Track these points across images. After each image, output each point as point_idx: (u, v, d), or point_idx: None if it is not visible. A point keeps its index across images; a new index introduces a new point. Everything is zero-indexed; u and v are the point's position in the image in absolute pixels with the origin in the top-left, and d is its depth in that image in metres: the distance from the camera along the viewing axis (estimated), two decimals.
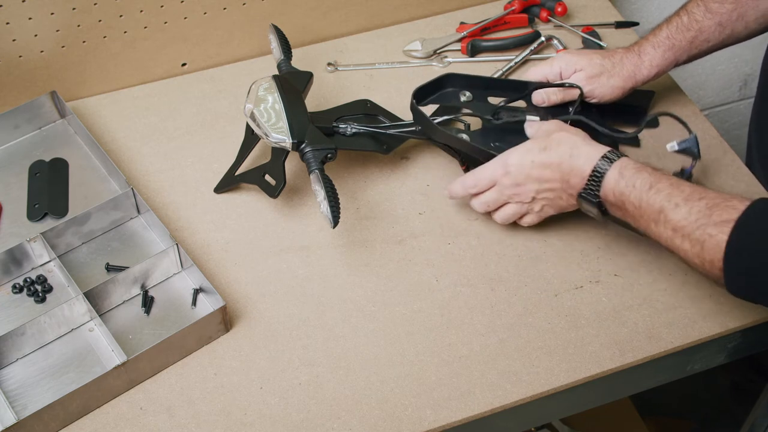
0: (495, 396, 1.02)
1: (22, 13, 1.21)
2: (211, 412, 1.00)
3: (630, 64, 1.19)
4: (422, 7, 1.46)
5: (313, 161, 1.11)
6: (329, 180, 1.09)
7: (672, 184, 0.98)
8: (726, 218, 0.93)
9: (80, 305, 1.04)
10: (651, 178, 0.99)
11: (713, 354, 1.14)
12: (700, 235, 0.94)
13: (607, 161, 1.02)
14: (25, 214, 1.18)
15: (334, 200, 1.07)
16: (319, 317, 1.09)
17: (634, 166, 1.01)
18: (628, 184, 1.00)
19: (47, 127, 1.29)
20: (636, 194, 0.99)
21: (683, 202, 0.96)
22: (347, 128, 1.19)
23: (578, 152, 1.04)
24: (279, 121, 1.12)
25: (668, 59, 1.19)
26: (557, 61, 1.20)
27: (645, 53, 1.19)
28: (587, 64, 1.19)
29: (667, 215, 0.97)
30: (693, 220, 0.95)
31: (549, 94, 1.20)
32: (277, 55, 1.24)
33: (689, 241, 0.95)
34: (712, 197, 0.95)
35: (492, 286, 1.11)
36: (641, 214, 0.99)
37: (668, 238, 0.97)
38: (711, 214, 0.94)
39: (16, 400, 1.00)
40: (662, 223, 0.97)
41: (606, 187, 1.02)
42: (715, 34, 1.18)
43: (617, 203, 1.02)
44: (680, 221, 0.96)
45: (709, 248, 0.93)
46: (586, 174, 1.03)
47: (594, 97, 1.20)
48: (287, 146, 1.12)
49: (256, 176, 1.19)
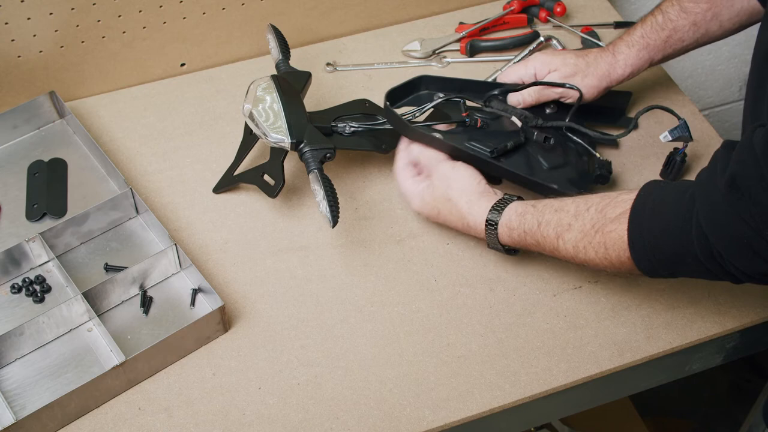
0: (494, 396, 1.02)
1: (20, 13, 1.21)
2: (210, 413, 1.00)
3: (604, 63, 1.19)
4: (421, 7, 1.46)
5: (312, 161, 1.10)
6: (328, 180, 1.09)
7: (556, 210, 1.00)
8: (620, 211, 0.94)
9: (79, 305, 1.04)
10: (535, 217, 1.02)
11: (712, 354, 1.14)
12: (600, 237, 0.95)
13: (494, 213, 1.05)
14: (23, 214, 1.18)
15: (333, 200, 1.07)
16: (318, 317, 1.09)
17: (516, 214, 1.04)
18: (519, 232, 1.03)
19: (46, 127, 1.28)
20: (530, 236, 1.02)
21: (574, 220, 0.98)
22: (345, 127, 1.19)
23: (468, 220, 1.07)
24: (277, 121, 1.12)
25: (643, 58, 1.19)
26: (532, 62, 1.21)
27: (619, 52, 1.19)
28: (561, 64, 1.19)
29: (564, 238, 0.99)
30: (589, 228, 0.96)
31: (524, 96, 1.21)
32: (276, 55, 1.24)
33: (592, 249, 0.96)
34: (597, 202, 0.97)
35: (491, 286, 1.11)
36: (543, 248, 1.02)
37: (572, 256, 0.99)
38: (605, 215, 0.95)
39: (15, 400, 1.00)
40: (563, 248, 0.99)
41: (502, 238, 1.05)
42: (690, 34, 1.18)
43: (520, 246, 1.06)
44: (577, 236, 0.97)
45: (611, 245, 0.94)
46: (482, 230, 1.06)
47: (569, 98, 1.20)
48: (286, 146, 1.12)
49: (254, 176, 1.18)
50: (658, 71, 1.37)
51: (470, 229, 1.08)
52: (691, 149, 1.26)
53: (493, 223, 1.05)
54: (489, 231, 1.06)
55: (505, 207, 1.05)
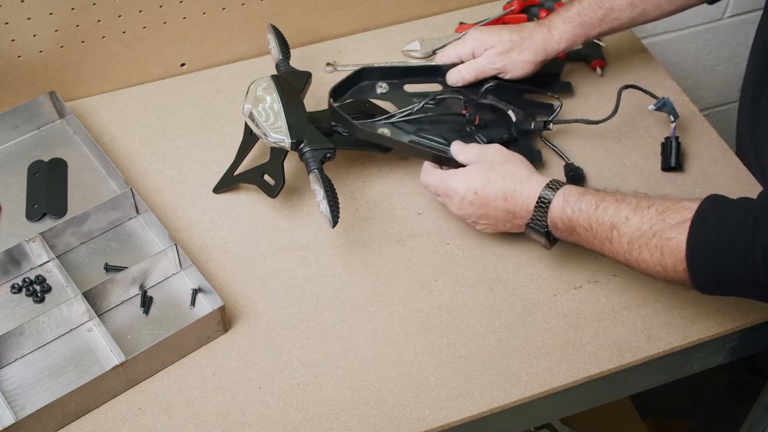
0: (494, 396, 1.02)
1: (21, 13, 1.21)
2: (210, 413, 1.00)
3: (540, 38, 1.21)
4: (421, 7, 1.46)
5: (312, 161, 1.10)
6: (328, 180, 1.09)
7: (617, 200, 0.99)
8: (680, 219, 0.92)
9: (79, 305, 1.04)
10: (595, 199, 1.00)
11: (712, 354, 1.14)
12: (657, 241, 0.94)
13: (550, 190, 1.03)
14: (23, 214, 1.18)
15: (333, 200, 1.07)
16: (318, 317, 1.09)
17: (577, 191, 1.02)
18: (574, 210, 1.01)
19: (46, 127, 1.29)
20: (584, 217, 1.00)
21: (632, 214, 0.96)
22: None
23: (521, 187, 1.05)
24: (278, 121, 1.12)
25: (578, 35, 1.21)
26: (469, 41, 1.23)
27: (555, 27, 1.21)
28: (498, 41, 1.21)
29: (619, 230, 0.97)
30: (647, 228, 0.95)
31: (463, 74, 1.23)
32: (276, 55, 1.24)
33: (647, 250, 0.95)
34: (660, 203, 0.96)
35: (491, 287, 1.11)
36: (594, 235, 1.00)
37: (626, 252, 0.97)
38: (664, 219, 0.94)
39: (15, 400, 1.00)
40: (616, 240, 0.97)
41: (553, 215, 1.03)
42: (626, 12, 1.20)
43: (566, 229, 1.02)
44: (634, 232, 0.96)
45: (669, 252, 0.93)
46: (531, 206, 1.04)
47: (507, 72, 1.22)
48: (286, 146, 1.12)
49: (254, 176, 1.18)
50: (658, 71, 1.37)
51: (515, 202, 1.05)
52: (692, 149, 1.26)
53: (546, 200, 1.03)
54: (539, 206, 1.03)
55: (561, 187, 1.03)
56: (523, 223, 1.06)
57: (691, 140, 1.27)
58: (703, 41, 1.85)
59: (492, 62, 1.22)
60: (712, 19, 1.81)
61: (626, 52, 1.41)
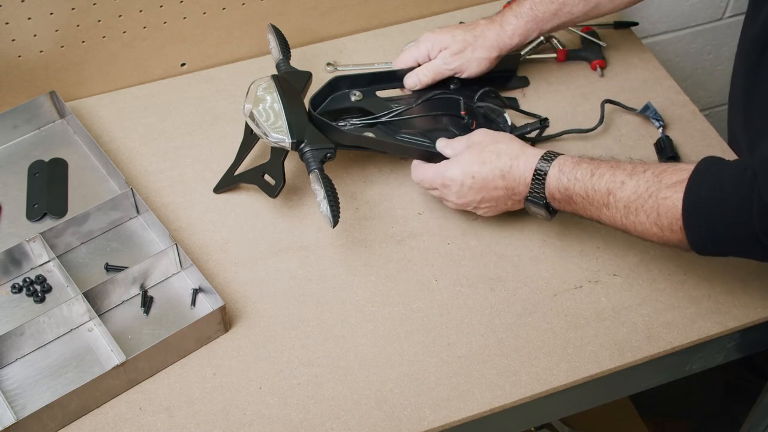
0: (494, 396, 1.02)
1: (21, 13, 1.21)
2: (210, 412, 1.00)
3: (492, 34, 1.22)
4: (421, 7, 1.46)
5: (313, 161, 1.10)
6: (329, 179, 1.09)
7: (612, 166, 1.00)
8: (677, 179, 0.93)
9: (79, 305, 1.04)
10: (590, 167, 1.01)
11: (712, 354, 1.14)
12: (653, 202, 0.94)
13: (545, 162, 1.04)
14: (24, 214, 1.18)
15: (333, 200, 1.07)
16: (319, 317, 1.09)
17: (572, 161, 1.03)
18: (570, 179, 1.02)
19: (46, 127, 1.28)
20: (580, 185, 1.01)
21: (629, 178, 0.97)
22: (345, 125, 1.19)
23: (517, 162, 1.06)
24: (278, 121, 1.12)
25: (531, 29, 1.22)
26: (423, 44, 1.23)
27: (507, 23, 1.22)
28: (451, 41, 1.22)
29: (615, 195, 0.98)
30: (643, 191, 0.95)
31: (420, 77, 1.23)
32: (276, 55, 1.24)
33: (644, 212, 0.95)
34: (655, 166, 0.97)
35: (491, 286, 1.11)
36: (590, 202, 1.01)
37: (622, 216, 0.98)
38: (660, 180, 0.94)
39: (15, 400, 1.00)
40: (613, 205, 0.98)
41: (550, 186, 1.04)
42: (580, 6, 1.21)
43: (564, 199, 1.04)
44: (630, 196, 0.96)
45: (665, 212, 0.93)
46: (528, 180, 1.05)
47: (463, 71, 1.23)
48: (286, 146, 1.12)
49: (255, 176, 1.18)
50: (658, 71, 1.37)
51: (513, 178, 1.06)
52: (692, 149, 1.26)
53: (542, 172, 1.04)
54: (536, 179, 1.04)
55: (556, 157, 1.04)
56: (522, 197, 1.08)
57: (691, 140, 1.27)
58: (703, 41, 1.85)
59: (447, 63, 1.22)
60: (712, 19, 1.81)
61: (626, 53, 1.41)
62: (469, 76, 1.24)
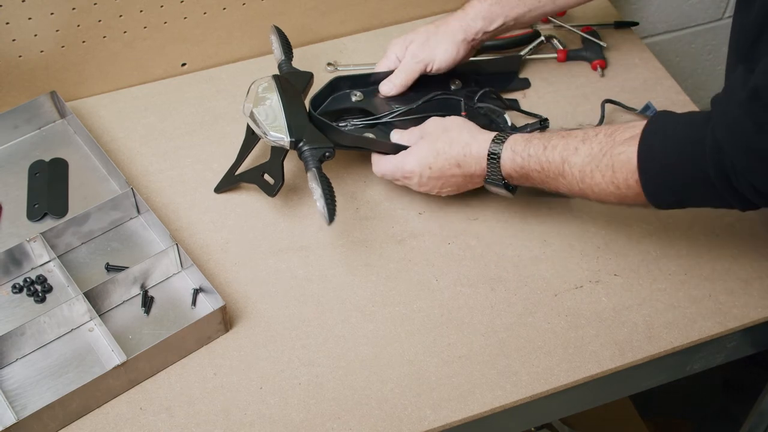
0: (495, 396, 1.02)
1: (21, 13, 1.21)
2: (211, 412, 1.00)
3: (454, 20, 1.21)
4: (422, 7, 1.46)
5: (311, 159, 1.11)
6: (326, 178, 1.09)
7: (563, 136, 1.01)
8: (630, 135, 0.93)
9: (80, 305, 1.04)
10: (542, 141, 1.02)
11: (713, 354, 1.14)
12: (608, 160, 0.94)
13: (497, 144, 1.05)
14: (24, 214, 1.18)
15: (330, 197, 1.08)
16: (319, 317, 1.09)
17: (523, 139, 1.04)
18: (524, 157, 1.03)
19: (47, 127, 1.28)
20: (534, 161, 1.02)
21: (581, 143, 0.98)
22: (346, 125, 1.19)
23: (470, 149, 1.07)
24: (277, 120, 1.12)
25: (495, 12, 1.20)
26: (390, 50, 1.23)
27: (470, 7, 1.21)
28: (414, 35, 1.22)
29: (570, 162, 0.98)
30: (597, 151, 0.96)
31: (393, 81, 1.22)
32: (278, 56, 1.24)
33: (599, 172, 0.95)
34: (607, 128, 0.97)
35: (492, 286, 1.11)
36: (547, 175, 1.01)
37: (578, 182, 0.98)
38: (614, 139, 0.95)
39: (16, 400, 1.00)
40: (569, 172, 0.99)
41: (505, 167, 1.05)
42: None
43: (521, 176, 1.05)
44: (584, 159, 0.97)
45: (620, 167, 0.93)
46: (484, 164, 1.07)
47: (433, 62, 1.21)
48: (285, 145, 1.12)
49: (255, 175, 1.19)
50: (658, 71, 1.37)
51: (468, 165, 1.07)
52: None
53: (496, 155, 1.05)
54: (491, 162, 1.05)
55: (507, 138, 1.05)
56: (481, 181, 1.09)
57: None
58: (703, 41, 1.85)
59: (414, 56, 1.21)
60: (712, 19, 1.81)
61: (627, 53, 1.41)
62: (442, 67, 1.22)
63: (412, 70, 1.21)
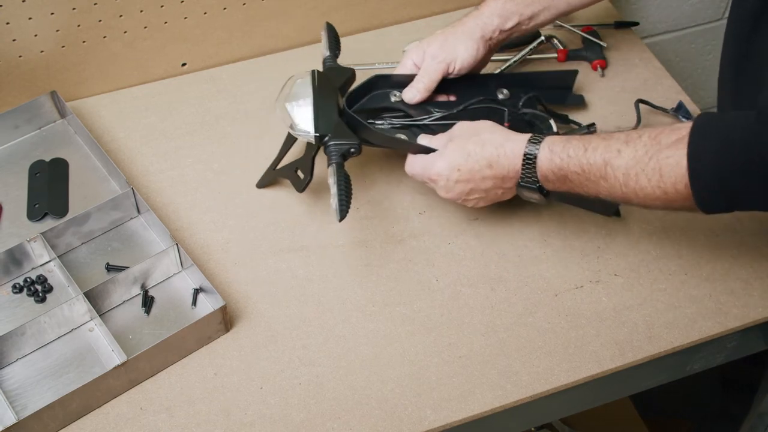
0: (495, 396, 1.02)
1: (22, 13, 1.21)
2: (211, 412, 1.00)
3: (471, 19, 1.20)
4: (422, 7, 1.46)
5: (334, 154, 1.10)
6: (345, 174, 1.08)
7: (605, 138, 0.97)
8: (676, 137, 0.90)
9: (80, 305, 1.04)
10: (582, 142, 0.99)
11: (713, 354, 1.14)
12: (655, 164, 0.91)
13: (533, 145, 1.02)
14: (25, 214, 1.18)
15: (345, 195, 1.07)
16: (320, 317, 1.09)
17: (561, 140, 1.01)
18: (563, 158, 0.99)
19: (47, 127, 1.28)
20: (574, 162, 0.98)
21: (624, 146, 0.94)
22: (384, 124, 1.18)
23: (503, 150, 1.04)
24: (306, 114, 1.11)
25: (510, 10, 1.19)
26: (406, 56, 1.21)
27: (485, 6, 1.20)
28: (432, 39, 1.20)
29: (613, 164, 0.95)
30: (642, 154, 0.92)
31: (416, 86, 1.19)
32: (324, 51, 1.23)
33: (645, 176, 0.92)
34: (651, 130, 0.94)
35: (492, 286, 1.11)
36: (587, 177, 0.98)
37: (622, 185, 0.95)
38: (659, 142, 0.92)
39: (16, 400, 1.00)
40: (611, 175, 0.95)
41: (542, 168, 1.02)
42: None
43: (558, 179, 1.01)
44: (629, 162, 0.93)
45: (668, 171, 0.90)
46: (518, 165, 1.03)
47: (455, 62, 1.18)
48: (311, 139, 1.11)
49: (290, 171, 1.19)
50: (658, 71, 1.38)
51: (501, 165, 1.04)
52: None
53: (532, 155, 1.01)
54: (527, 163, 1.02)
55: (544, 139, 1.02)
56: (513, 184, 1.05)
57: None
58: (703, 41, 1.85)
59: (435, 57, 1.18)
60: (712, 19, 1.81)
61: (627, 52, 1.41)
62: (464, 66, 1.19)
63: (434, 71, 1.18)
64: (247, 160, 1.25)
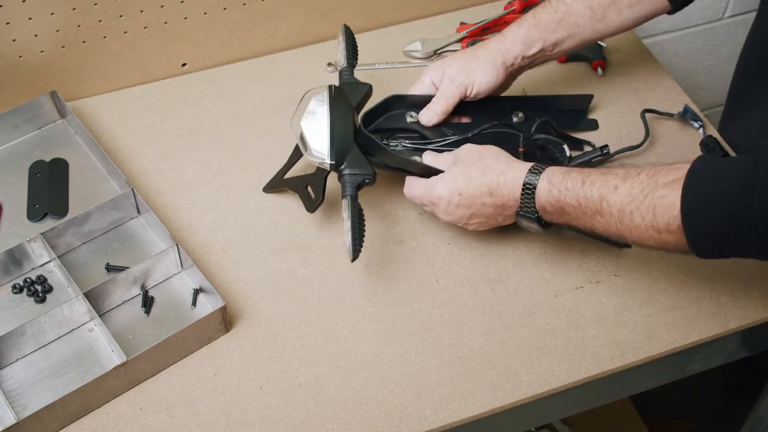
0: (495, 396, 1.02)
1: (22, 13, 1.21)
2: (211, 413, 1.00)
3: (492, 43, 1.18)
4: (422, 7, 1.46)
5: (348, 186, 1.08)
6: (359, 208, 1.06)
7: (604, 173, 0.97)
8: (673, 178, 0.90)
9: (80, 305, 1.04)
10: (581, 176, 0.98)
11: (713, 354, 1.14)
12: (649, 203, 0.91)
13: (534, 175, 1.02)
14: (25, 214, 1.18)
15: (358, 232, 1.04)
16: (319, 317, 1.09)
17: (561, 171, 1.00)
18: (560, 190, 0.99)
19: (47, 127, 1.28)
20: (571, 195, 0.98)
21: (622, 182, 0.94)
22: (398, 145, 1.17)
23: (504, 178, 1.04)
24: (322, 139, 1.08)
25: (533, 37, 1.17)
26: (425, 74, 1.19)
27: (509, 31, 1.18)
28: (452, 60, 1.18)
29: (609, 200, 0.94)
30: (638, 192, 0.92)
31: (433, 108, 1.17)
32: (341, 62, 1.20)
33: (639, 214, 0.92)
34: (649, 168, 0.93)
35: (492, 287, 1.11)
36: (583, 211, 0.97)
37: (616, 222, 0.94)
38: (656, 180, 0.91)
39: (16, 400, 1.00)
40: (606, 211, 0.95)
41: (540, 199, 1.01)
42: (585, 19, 1.17)
43: (556, 211, 1.01)
44: (624, 199, 0.93)
45: (661, 211, 0.90)
46: (517, 195, 1.03)
47: (473, 85, 1.17)
48: (326, 166, 1.09)
49: (299, 185, 1.17)
50: (658, 71, 1.37)
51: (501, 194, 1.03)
52: (694, 151, 1.26)
53: (531, 185, 1.01)
54: (526, 192, 1.01)
55: (544, 170, 1.02)
56: (513, 212, 1.05)
57: (692, 140, 1.27)
58: (703, 41, 1.85)
59: (453, 80, 1.16)
60: (712, 19, 1.81)
61: (627, 53, 1.41)
62: (481, 90, 1.17)
63: (451, 94, 1.17)
64: (247, 160, 1.25)
